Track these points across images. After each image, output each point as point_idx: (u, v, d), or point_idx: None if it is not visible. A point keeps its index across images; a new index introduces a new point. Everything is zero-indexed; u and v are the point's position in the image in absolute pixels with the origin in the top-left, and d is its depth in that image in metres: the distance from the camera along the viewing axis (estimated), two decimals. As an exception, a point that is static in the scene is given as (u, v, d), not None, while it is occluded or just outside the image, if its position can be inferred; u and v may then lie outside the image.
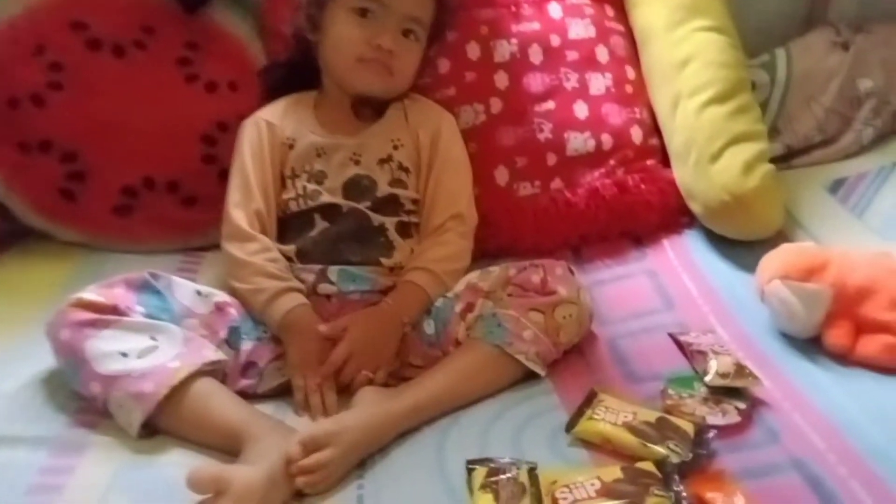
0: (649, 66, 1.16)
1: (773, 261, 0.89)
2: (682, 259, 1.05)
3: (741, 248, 1.03)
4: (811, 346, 0.86)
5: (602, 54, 1.15)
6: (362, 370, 0.85)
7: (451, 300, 0.92)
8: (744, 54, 1.15)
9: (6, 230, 1.11)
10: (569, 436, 0.76)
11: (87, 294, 0.82)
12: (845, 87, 1.20)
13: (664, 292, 1.00)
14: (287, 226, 0.98)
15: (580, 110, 1.11)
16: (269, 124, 0.99)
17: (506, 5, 1.14)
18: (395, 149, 0.99)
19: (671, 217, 1.11)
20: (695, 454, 0.71)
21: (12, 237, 1.11)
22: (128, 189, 1.10)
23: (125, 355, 0.78)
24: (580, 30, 1.15)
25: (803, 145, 1.22)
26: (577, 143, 1.10)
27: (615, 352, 0.90)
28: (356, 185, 0.97)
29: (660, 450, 0.71)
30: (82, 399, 0.80)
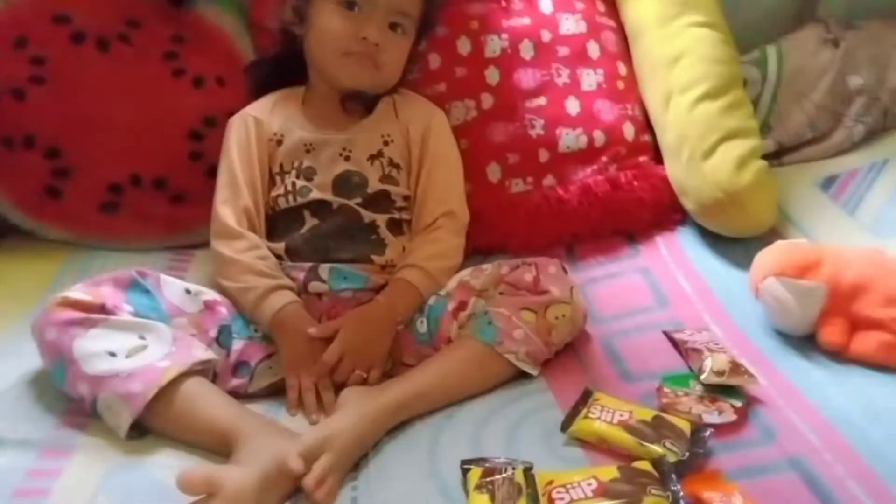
0: (641, 62, 1.16)
1: (767, 258, 0.89)
2: (676, 256, 1.05)
3: (734, 246, 1.03)
4: (806, 343, 0.86)
5: (593, 50, 1.15)
6: (356, 369, 0.84)
7: (443, 299, 0.91)
8: (736, 50, 1.15)
9: (-9, 228, 1.09)
10: (564, 435, 0.76)
11: (73, 293, 0.80)
12: (836, 83, 1.21)
13: (658, 290, 0.99)
14: (276, 223, 0.97)
15: (572, 106, 1.11)
16: (257, 120, 0.98)
17: (496, 0, 1.13)
18: (386, 144, 0.98)
19: (664, 214, 1.11)
20: (692, 453, 0.71)
21: (-3, 235, 1.10)
22: (114, 186, 1.08)
23: (113, 355, 0.77)
24: (571, 25, 1.14)
25: (795, 142, 1.22)
26: (569, 139, 1.10)
27: (609, 350, 0.89)
28: (346, 182, 0.96)
29: (656, 449, 0.71)
30: (70, 400, 0.79)
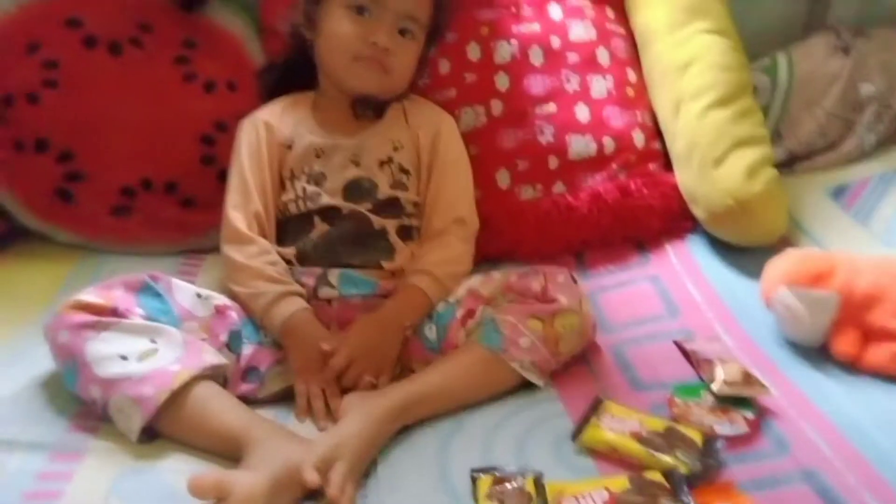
0: (650, 69, 1.16)
1: (778, 267, 0.88)
2: (686, 265, 1.05)
3: (745, 254, 1.03)
4: (818, 353, 0.86)
5: (603, 56, 1.14)
6: (365, 375, 0.84)
7: (452, 306, 0.91)
8: (746, 57, 1.14)
9: (3, 232, 1.09)
10: (574, 444, 0.76)
11: (85, 296, 0.80)
12: (847, 91, 1.20)
13: (668, 298, 0.99)
14: (286, 228, 0.97)
15: (581, 113, 1.11)
16: (268, 125, 0.98)
17: (506, 6, 1.14)
18: (396, 150, 0.98)
19: (674, 222, 1.10)
20: (704, 464, 0.70)
21: (9, 238, 1.10)
22: (126, 190, 1.08)
23: (125, 358, 0.77)
24: (581, 31, 1.14)
25: (805, 150, 1.22)
26: (579, 146, 1.10)
27: (620, 359, 0.89)
28: (357, 187, 0.96)
29: (668, 459, 0.71)
30: (81, 403, 0.79)
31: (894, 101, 1.20)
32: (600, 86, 1.13)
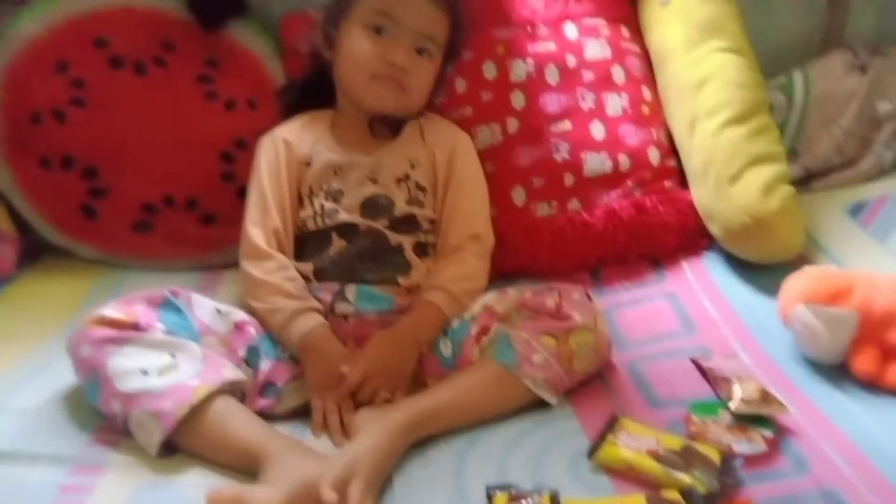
0: (666, 87, 1.16)
1: (795, 284, 0.88)
2: (702, 282, 1.05)
3: (761, 271, 1.02)
4: (838, 372, 0.85)
5: (618, 75, 1.15)
6: (380, 391, 0.85)
7: (467, 322, 0.91)
8: (761, 75, 1.15)
9: (27, 247, 1.12)
10: (590, 462, 0.75)
11: (107, 311, 0.82)
12: (864, 109, 1.20)
13: (684, 315, 0.99)
14: (304, 244, 0.98)
15: (597, 131, 1.12)
16: (286, 142, 0.99)
17: (522, 25, 1.15)
18: (412, 168, 0.99)
19: (690, 239, 1.10)
20: (721, 483, 0.70)
21: (33, 254, 1.12)
22: (148, 206, 1.10)
23: (145, 373, 0.78)
24: (596, 50, 1.15)
25: (822, 168, 1.21)
26: (594, 163, 1.10)
27: (636, 376, 0.89)
28: (374, 204, 0.97)
29: (685, 478, 0.70)
30: (103, 417, 0.80)
31: (912, 120, 1.20)
32: (615, 104, 1.13)
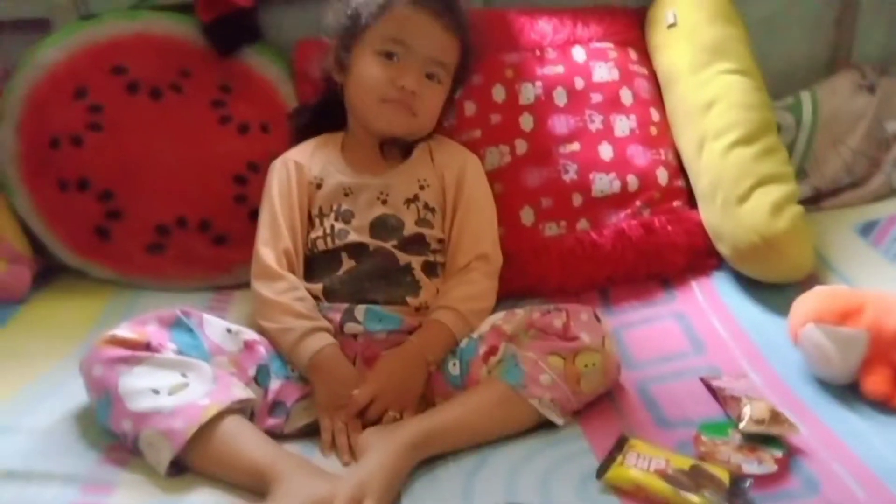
0: (674, 109, 1.17)
1: (805, 304, 0.88)
2: (711, 301, 1.04)
3: (771, 291, 1.02)
4: (848, 392, 0.84)
5: (626, 96, 1.16)
6: (388, 410, 0.85)
7: (475, 341, 0.91)
8: (769, 97, 1.15)
9: (42, 267, 1.14)
10: (599, 482, 0.75)
11: (120, 331, 0.83)
12: (873, 129, 1.20)
13: (693, 335, 0.99)
14: (314, 264, 0.99)
15: (605, 152, 1.12)
16: (298, 164, 1.01)
17: (530, 49, 1.16)
18: (422, 189, 1.00)
19: (699, 259, 1.10)
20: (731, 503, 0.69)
21: (47, 274, 1.14)
22: (161, 228, 1.12)
23: (156, 392, 0.79)
24: (604, 73, 1.16)
25: (831, 187, 1.21)
26: (603, 184, 1.11)
27: (645, 395, 0.88)
28: (383, 225, 0.98)
29: (694, 499, 0.70)
30: (112, 436, 0.81)
31: (922, 139, 1.20)
32: (623, 125, 1.14)
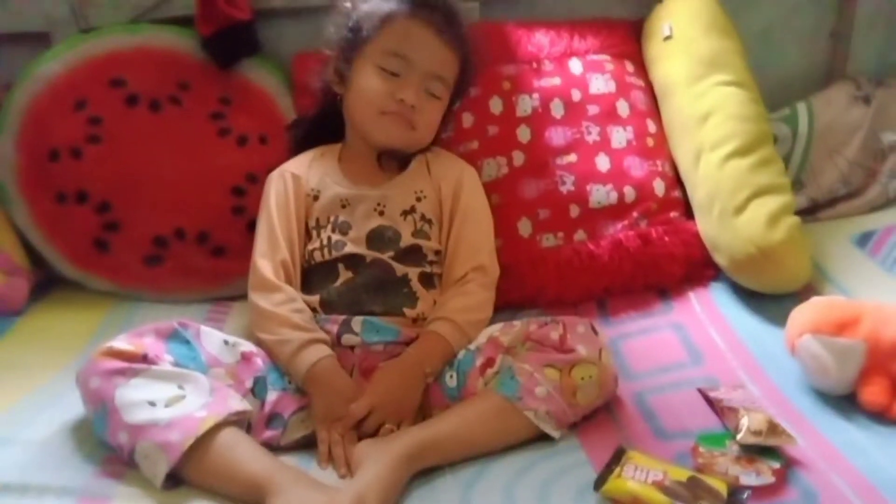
0: (670, 120, 1.18)
1: (803, 314, 0.88)
2: (709, 312, 1.04)
3: (769, 302, 1.02)
4: (846, 403, 0.84)
5: (623, 108, 1.17)
6: (385, 422, 0.85)
7: (472, 353, 0.91)
8: (765, 108, 1.16)
9: (40, 279, 1.14)
10: (597, 494, 0.74)
11: (117, 343, 0.83)
12: (868, 140, 1.21)
13: (691, 346, 0.99)
14: (311, 276, 0.99)
15: (602, 163, 1.13)
16: (295, 176, 1.01)
17: (527, 62, 1.17)
18: (418, 200, 1.01)
19: (696, 269, 1.11)
20: (729, 515, 0.69)
21: (45, 286, 1.14)
22: (159, 239, 1.12)
23: (153, 404, 0.79)
24: (601, 85, 1.17)
25: (828, 198, 1.22)
26: (600, 195, 1.11)
27: (643, 407, 0.88)
28: (380, 236, 0.98)
29: (692, 510, 0.70)
30: (108, 449, 0.80)
31: (917, 149, 1.20)
32: (620, 136, 1.15)
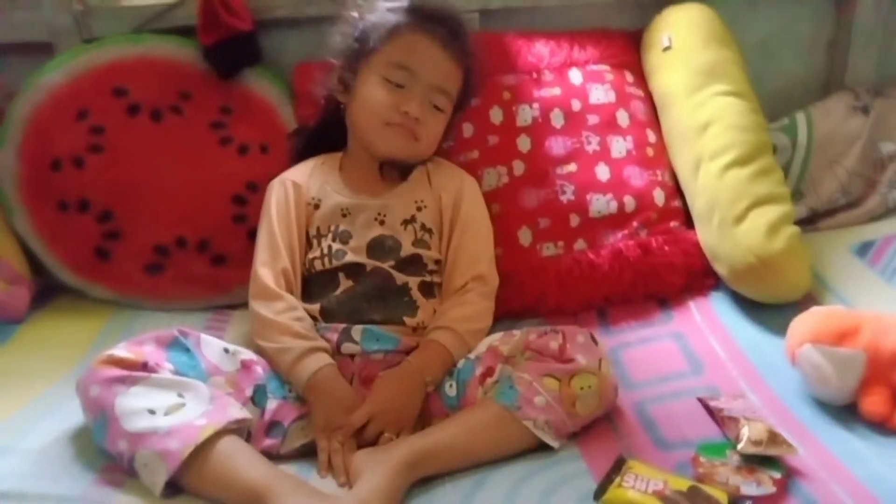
0: (670, 130, 1.18)
1: (803, 324, 0.88)
2: (709, 321, 1.04)
3: (769, 311, 1.02)
4: (847, 412, 0.84)
5: (623, 118, 1.17)
6: (385, 431, 0.85)
7: (472, 362, 0.91)
8: (764, 118, 1.16)
9: (40, 288, 1.14)
10: None
11: (117, 351, 0.83)
12: (867, 150, 1.21)
13: (691, 355, 0.98)
14: (311, 285, 0.99)
15: (602, 172, 1.13)
16: (296, 185, 1.02)
17: (528, 72, 1.18)
18: (419, 210, 1.01)
19: (696, 279, 1.11)
20: (729, 525, 0.69)
21: (46, 294, 1.14)
22: (160, 248, 1.13)
23: (152, 412, 0.79)
24: (601, 95, 1.17)
25: (827, 208, 1.22)
26: (600, 204, 1.11)
27: (643, 416, 0.88)
28: (380, 245, 0.98)
29: (693, 520, 0.70)
30: (108, 457, 0.80)
31: (917, 159, 1.21)
32: (620, 146, 1.15)
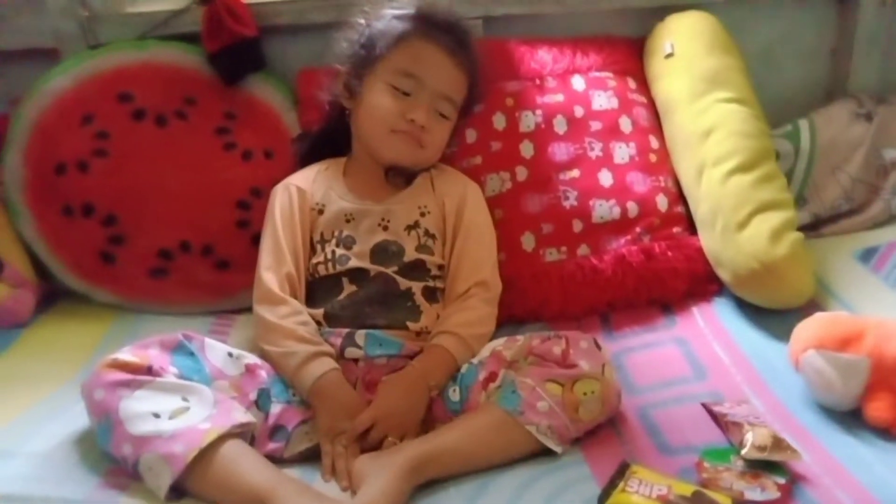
0: (672, 136, 1.19)
1: (807, 330, 0.88)
2: (713, 327, 1.04)
3: (772, 317, 1.02)
4: (851, 418, 0.84)
5: (625, 124, 1.18)
6: (389, 435, 0.85)
7: (475, 367, 0.91)
8: (767, 125, 1.16)
9: (45, 292, 1.14)
10: (601, 509, 0.74)
11: (122, 355, 0.83)
12: (871, 156, 1.22)
13: (695, 360, 0.98)
14: (315, 289, 0.99)
15: (605, 178, 1.13)
16: (300, 190, 1.02)
17: (531, 79, 1.18)
18: (422, 216, 1.01)
19: (699, 284, 1.11)
20: (734, 530, 0.69)
21: (50, 298, 1.15)
22: (164, 252, 1.13)
23: (157, 416, 0.79)
24: (603, 101, 1.18)
25: (831, 214, 1.22)
26: (603, 210, 1.12)
27: (647, 422, 0.88)
28: (384, 251, 0.98)
29: (697, 525, 0.69)
30: (112, 461, 0.80)
31: (919, 166, 1.21)
32: (623, 152, 1.15)
